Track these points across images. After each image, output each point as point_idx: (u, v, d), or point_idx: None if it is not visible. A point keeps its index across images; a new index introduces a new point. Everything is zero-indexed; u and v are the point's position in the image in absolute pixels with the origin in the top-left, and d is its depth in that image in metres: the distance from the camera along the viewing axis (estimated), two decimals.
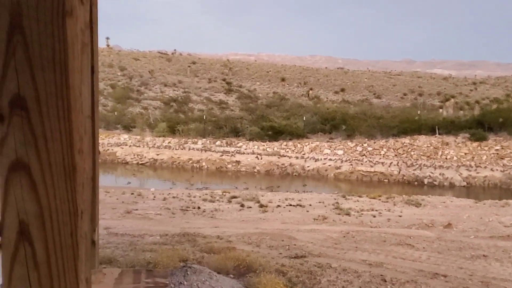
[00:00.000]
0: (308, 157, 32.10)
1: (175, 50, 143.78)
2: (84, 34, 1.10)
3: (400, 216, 14.41)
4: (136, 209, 14.26)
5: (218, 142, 36.32)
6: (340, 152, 33.18)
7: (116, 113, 51.72)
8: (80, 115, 1.11)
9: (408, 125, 35.81)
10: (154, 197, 17.34)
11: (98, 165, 2.36)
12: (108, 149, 35.01)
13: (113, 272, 3.98)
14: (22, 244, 1.09)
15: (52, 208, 1.09)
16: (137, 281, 3.60)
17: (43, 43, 1.05)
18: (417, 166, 29.42)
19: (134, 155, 34.52)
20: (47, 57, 1.05)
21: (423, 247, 9.94)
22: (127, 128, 44.68)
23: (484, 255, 9.24)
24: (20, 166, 1.09)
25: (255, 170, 31.05)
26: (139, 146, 36.23)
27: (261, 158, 32.06)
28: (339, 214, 14.54)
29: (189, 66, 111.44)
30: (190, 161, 32.81)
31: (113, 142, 36.97)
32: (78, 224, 1.12)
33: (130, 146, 36.45)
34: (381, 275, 7.20)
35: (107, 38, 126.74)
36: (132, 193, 18.22)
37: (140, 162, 33.81)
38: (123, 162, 34.01)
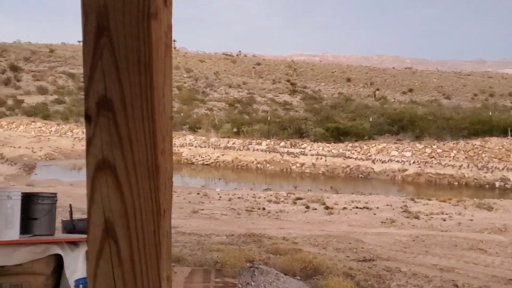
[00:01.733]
0: (375, 159, 31.57)
1: (240, 51, 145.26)
2: (167, 36, 1.12)
3: (471, 220, 13.94)
4: (202, 209, 14.47)
5: (282, 143, 36.30)
6: (408, 154, 32.42)
7: (182, 114, 52.69)
8: (163, 116, 1.13)
9: (479, 127, 34.60)
10: (220, 197, 17.54)
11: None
12: (174, 150, 35.71)
13: (184, 271, 4.05)
14: (107, 241, 1.12)
15: (136, 207, 1.11)
16: (207, 280, 3.64)
17: (128, 45, 1.07)
18: (489, 168, 28.35)
19: (199, 156, 35.04)
20: (133, 59, 1.07)
21: (496, 252, 9.58)
22: (193, 129, 45.42)
23: None
24: (105, 166, 1.12)
25: (320, 172, 30.84)
26: (204, 147, 36.74)
27: (326, 160, 31.80)
28: (407, 217, 14.22)
29: (253, 68, 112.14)
30: (254, 162, 32.97)
31: (179, 143, 37.68)
32: (160, 223, 1.14)
33: (195, 146, 37.03)
34: (453, 280, 7.00)
35: (174, 41, 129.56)
36: (198, 193, 18.52)
37: (205, 163, 34.27)
38: (189, 162, 34.59)
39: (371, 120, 39.86)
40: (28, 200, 4.39)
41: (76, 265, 4.13)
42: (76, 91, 75.46)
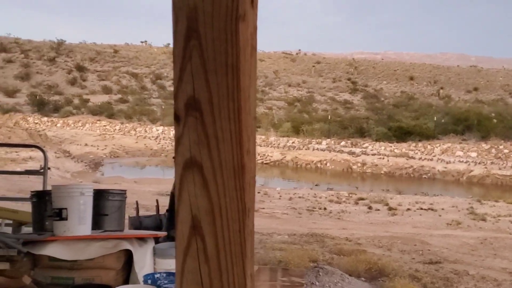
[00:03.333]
0: (439, 159, 30.78)
1: (299, 50, 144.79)
2: (253, 38, 1.14)
3: None
4: (263, 208, 14.54)
5: (342, 143, 35.94)
6: (473, 154, 31.42)
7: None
8: (249, 117, 1.15)
9: None
10: (280, 196, 17.57)
11: None
12: None
13: None
14: (194, 238, 1.15)
15: (222, 205, 1.13)
16: (274, 279, 3.66)
17: (217, 47, 1.10)
18: None
19: (258, 155, 35.21)
20: (220, 61, 1.10)
21: None
22: None
23: None
24: (193, 164, 1.15)
25: (382, 172, 30.36)
26: (264, 146, 36.86)
27: (388, 160, 31.27)
28: (474, 219, 13.80)
29: (313, 66, 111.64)
30: (314, 162, 32.81)
31: None
32: (245, 222, 1.16)
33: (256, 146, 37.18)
34: None
35: None
36: (259, 192, 18.60)
37: (265, 162, 34.39)
38: None
39: (435, 119, 38.89)
40: (99, 196, 4.53)
41: (144, 261, 4.24)
42: (139, 91, 77.39)
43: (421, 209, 15.46)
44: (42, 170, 5.54)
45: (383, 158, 31.49)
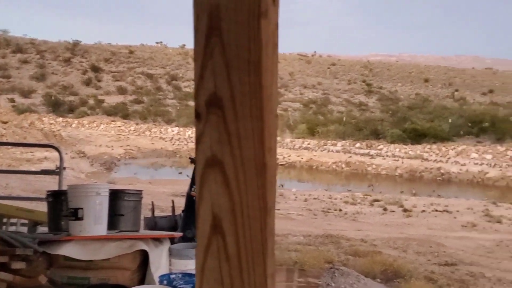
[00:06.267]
0: (454, 161, 30.54)
1: (314, 52, 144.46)
2: (275, 35, 1.13)
3: None
4: (278, 209, 14.52)
5: (357, 145, 35.82)
6: (488, 156, 31.15)
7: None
8: (271, 115, 1.14)
9: None
10: (295, 197, 17.54)
11: None
12: None
13: None
14: (215, 236, 1.14)
15: (243, 203, 1.12)
16: (290, 280, 3.65)
17: (239, 44, 1.09)
18: None
19: None
20: (242, 58, 1.09)
21: None
22: None
23: None
24: (214, 163, 1.14)
25: (397, 174, 30.19)
26: (279, 147, 36.81)
27: (403, 162, 31.10)
28: (489, 221, 13.69)
29: (328, 68, 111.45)
30: (329, 163, 32.72)
31: None
32: (267, 220, 1.14)
33: None
34: None
35: None
36: None
37: (280, 163, 34.35)
38: None
39: (450, 121, 38.63)
40: (115, 196, 4.53)
41: (160, 261, 4.25)
42: (154, 92, 77.73)
43: (436, 211, 15.36)
44: (57, 170, 5.57)
45: (398, 160, 31.32)
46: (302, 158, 34.06)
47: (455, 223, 13.33)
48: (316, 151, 35.11)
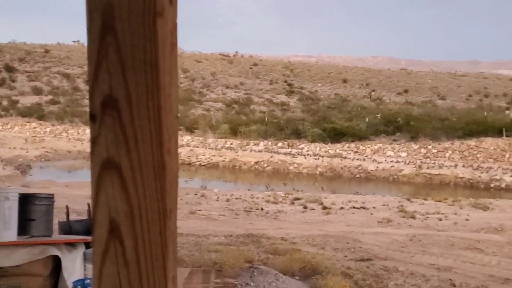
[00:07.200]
0: (371, 159, 31.61)
1: (236, 52, 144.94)
2: (173, 35, 1.11)
3: (467, 220, 13.97)
4: (200, 210, 14.46)
5: (279, 144, 36.30)
6: (403, 154, 32.49)
7: (178, 115, 52.56)
8: (170, 115, 1.12)
9: (474, 127, 34.74)
10: (217, 198, 17.53)
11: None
12: None
13: (183, 272, 4.04)
14: (113, 242, 1.11)
15: (142, 206, 1.10)
16: (207, 281, 3.63)
17: (134, 44, 1.06)
18: (484, 168, 28.42)
19: (196, 156, 35.00)
20: (138, 58, 1.06)
21: (493, 252, 9.61)
22: (190, 129, 45.35)
23: None
24: (111, 165, 1.10)
25: (317, 172, 30.86)
26: (202, 148, 36.69)
27: (323, 160, 31.82)
28: (404, 217, 14.25)
29: (250, 68, 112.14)
30: (252, 163, 32.96)
31: None
32: (166, 223, 1.13)
33: (192, 147, 37.00)
34: (450, 279, 7.01)
35: None
36: (196, 194, 18.49)
37: (203, 163, 34.23)
38: (186, 163, 34.55)
39: (367, 120, 39.94)
40: (26, 201, 4.36)
41: (73, 267, 4.12)
42: (71, 92, 75.32)
43: (354, 208, 15.81)
44: None
45: (318, 159, 32.01)
46: (225, 158, 34.09)
47: (372, 219, 13.77)
48: (238, 151, 35.25)
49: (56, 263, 4.17)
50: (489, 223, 13.35)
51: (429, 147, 32.76)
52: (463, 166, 29.04)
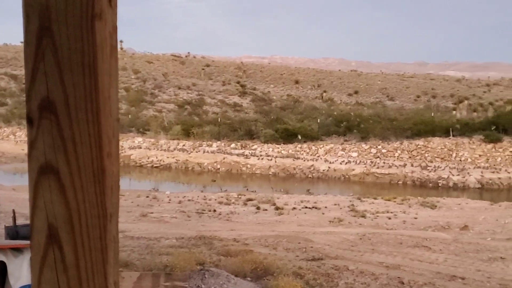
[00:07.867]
0: (323, 159, 31.99)
1: (188, 53, 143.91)
2: (112, 38, 1.10)
3: (416, 218, 14.32)
4: (152, 212, 14.30)
5: (232, 145, 36.31)
6: (354, 154, 33.04)
7: (130, 116, 51.88)
8: (109, 118, 1.11)
9: (422, 127, 35.58)
10: (170, 200, 17.38)
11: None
12: (122, 152, 35.13)
13: (132, 276, 3.99)
14: (51, 247, 1.09)
15: (81, 211, 1.08)
16: (156, 285, 3.59)
17: (72, 46, 1.04)
18: (432, 168, 29.21)
19: (148, 158, 34.62)
20: (76, 60, 1.05)
21: (440, 249, 9.87)
22: (141, 131, 44.79)
23: (501, 257, 9.15)
24: (49, 170, 1.08)
25: (270, 173, 31.01)
26: (154, 149, 36.32)
27: (276, 161, 32.01)
28: (354, 216, 14.48)
29: (203, 69, 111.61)
30: (205, 164, 32.84)
31: (127, 145, 37.12)
32: (107, 228, 1.11)
33: (144, 149, 36.57)
34: (399, 277, 7.17)
35: (121, 41, 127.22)
36: (147, 196, 18.27)
37: (155, 165, 33.88)
38: (138, 165, 34.13)
39: (319, 121, 40.39)
40: None
41: (20, 272, 4.02)
42: (19, 93, 73.18)
43: (306, 208, 15.96)
44: None
45: (271, 160, 32.17)
46: (177, 159, 33.83)
47: (323, 218, 13.93)
48: (191, 152, 35.05)
49: (2, 268, 4.06)
50: (437, 221, 13.71)
51: (379, 147, 33.43)
52: (412, 165, 29.75)
